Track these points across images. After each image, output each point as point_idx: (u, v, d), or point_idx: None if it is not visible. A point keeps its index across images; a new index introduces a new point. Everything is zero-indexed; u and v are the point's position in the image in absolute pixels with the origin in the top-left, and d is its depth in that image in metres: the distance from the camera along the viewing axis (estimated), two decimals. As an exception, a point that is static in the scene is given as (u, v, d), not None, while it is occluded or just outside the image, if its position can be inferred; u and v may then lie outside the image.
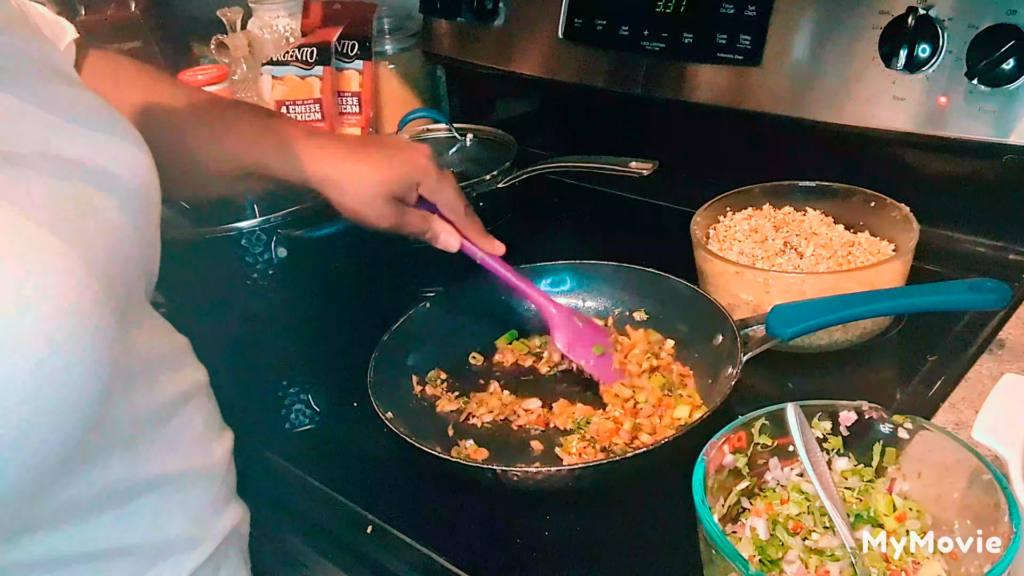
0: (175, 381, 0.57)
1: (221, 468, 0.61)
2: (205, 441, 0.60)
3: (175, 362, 0.59)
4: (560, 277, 0.88)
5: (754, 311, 0.76)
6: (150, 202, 0.55)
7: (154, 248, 0.57)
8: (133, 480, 0.51)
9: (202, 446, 0.59)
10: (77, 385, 0.41)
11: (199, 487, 0.58)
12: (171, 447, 0.55)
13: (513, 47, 1.18)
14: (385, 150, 0.75)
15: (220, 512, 0.60)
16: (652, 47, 1.04)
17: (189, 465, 0.57)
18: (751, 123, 0.99)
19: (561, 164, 1.06)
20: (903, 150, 0.91)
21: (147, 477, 0.52)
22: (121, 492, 0.51)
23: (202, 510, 0.58)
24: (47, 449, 0.41)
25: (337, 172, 0.72)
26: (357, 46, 1.26)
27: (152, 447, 0.53)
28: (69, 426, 0.42)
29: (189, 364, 0.62)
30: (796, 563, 0.49)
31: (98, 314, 0.42)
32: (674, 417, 0.71)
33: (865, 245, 0.82)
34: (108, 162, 0.51)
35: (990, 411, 0.54)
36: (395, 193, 0.73)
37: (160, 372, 0.55)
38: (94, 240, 0.45)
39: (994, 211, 0.89)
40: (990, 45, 0.79)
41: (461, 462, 0.66)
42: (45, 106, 0.49)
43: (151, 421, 0.53)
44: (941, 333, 0.77)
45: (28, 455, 0.40)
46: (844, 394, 0.57)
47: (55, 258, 0.41)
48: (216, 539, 0.59)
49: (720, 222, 0.89)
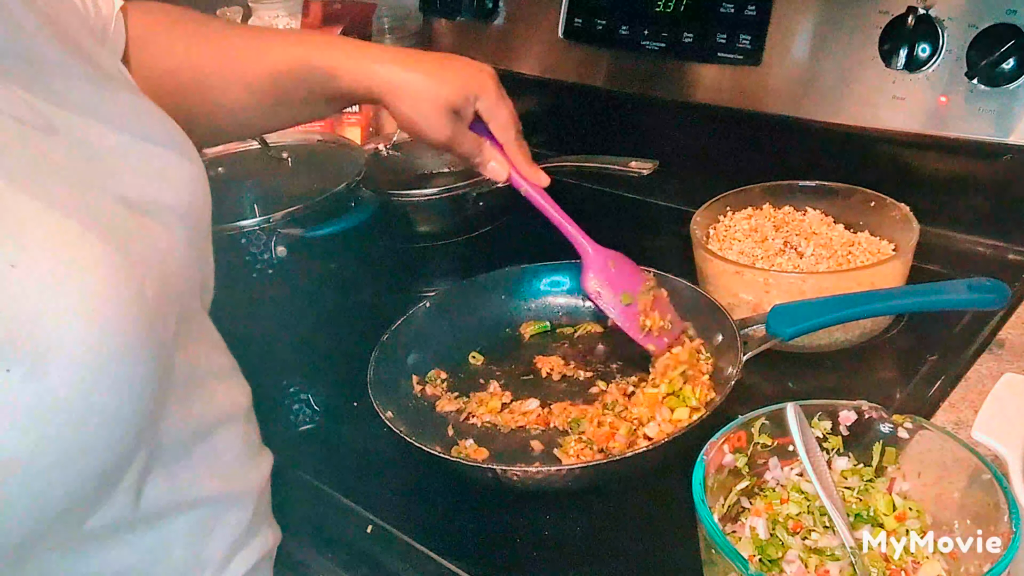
0: (217, 399, 0.56)
1: (258, 491, 0.60)
2: (244, 463, 0.59)
3: (219, 380, 0.57)
4: (560, 277, 0.88)
5: (754, 311, 0.76)
6: (202, 217, 0.55)
7: (206, 261, 0.56)
8: (171, 501, 0.50)
9: (241, 468, 0.58)
10: (124, 403, 0.40)
11: (235, 509, 0.56)
12: (210, 468, 0.54)
13: (513, 46, 1.18)
14: (448, 63, 0.73)
15: (254, 535, 0.59)
16: (652, 47, 1.04)
17: (227, 487, 0.56)
18: (751, 123, 0.99)
19: (561, 164, 1.07)
20: (903, 150, 0.91)
21: (185, 498, 0.51)
22: (158, 513, 0.49)
23: (237, 533, 0.56)
24: (91, 470, 0.40)
25: (398, 78, 0.70)
26: (357, 46, 1.27)
27: (191, 467, 0.52)
28: (114, 445, 0.40)
29: (233, 383, 0.60)
30: (796, 563, 0.49)
31: (148, 329, 0.41)
32: (674, 419, 0.71)
33: (865, 245, 0.82)
34: (162, 179, 0.50)
35: (990, 411, 0.54)
36: (453, 106, 0.71)
37: (203, 388, 0.54)
38: (145, 253, 0.44)
39: (994, 211, 0.89)
40: (990, 45, 0.79)
41: (461, 462, 0.66)
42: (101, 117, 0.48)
43: (192, 439, 0.52)
44: (941, 333, 0.77)
45: (72, 476, 0.39)
46: (844, 394, 0.57)
47: (108, 271, 0.39)
48: (248, 563, 0.58)
49: (720, 222, 0.89)
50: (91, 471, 0.40)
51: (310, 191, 0.91)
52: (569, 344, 0.84)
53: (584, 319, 0.86)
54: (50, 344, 0.36)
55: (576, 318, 0.86)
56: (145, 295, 0.41)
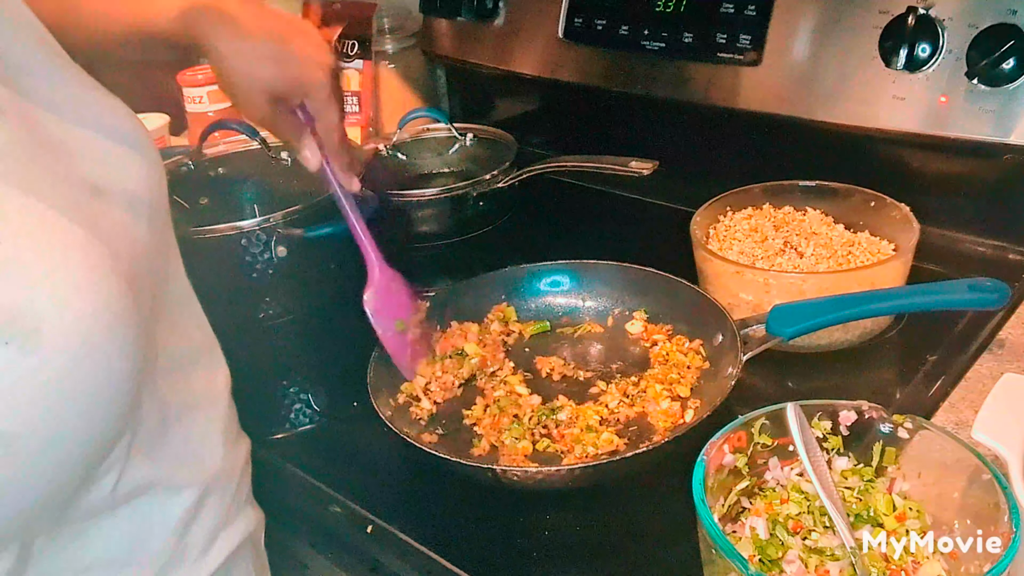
0: (193, 383, 0.56)
1: (238, 474, 0.61)
2: (223, 446, 0.59)
3: (195, 364, 0.58)
4: (560, 277, 0.88)
5: (754, 311, 0.76)
6: (160, 204, 0.54)
7: (171, 247, 0.56)
8: (152, 484, 0.50)
9: (220, 451, 0.58)
10: (111, 378, 0.40)
11: (216, 493, 0.57)
12: (189, 451, 0.54)
13: (513, 46, 1.18)
14: (290, 44, 0.68)
15: (235, 518, 0.59)
16: (652, 47, 1.04)
17: (207, 471, 0.56)
18: (751, 123, 0.99)
19: (561, 164, 1.06)
20: (903, 150, 0.91)
21: (166, 481, 0.52)
22: (140, 497, 0.50)
23: (218, 516, 0.57)
24: (79, 449, 0.40)
25: (225, 46, 0.66)
26: (357, 45, 1.27)
27: (171, 450, 0.52)
28: (101, 423, 0.41)
29: (211, 368, 0.60)
30: (796, 563, 0.49)
31: (127, 308, 0.41)
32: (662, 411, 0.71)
33: (865, 245, 0.82)
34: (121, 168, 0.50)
35: (990, 411, 0.54)
36: (276, 95, 0.68)
37: (180, 372, 0.54)
38: (117, 236, 0.44)
39: (994, 211, 0.89)
40: (990, 45, 0.79)
41: (461, 462, 0.66)
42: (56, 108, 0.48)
43: (170, 422, 0.52)
44: (941, 333, 0.77)
45: (62, 455, 0.40)
46: (844, 394, 0.57)
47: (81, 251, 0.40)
48: (231, 544, 0.58)
49: (720, 221, 0.89)
50: (79, 451, 0.41)
51: (310, 191, 0.91)
52: (569, 344, 0.84)
53: (584, 319, 0.86)
54: (42, 319, 0.37)
55: (576, 318, 0.86)
56: (124, 274, 0.42)
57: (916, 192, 0.83)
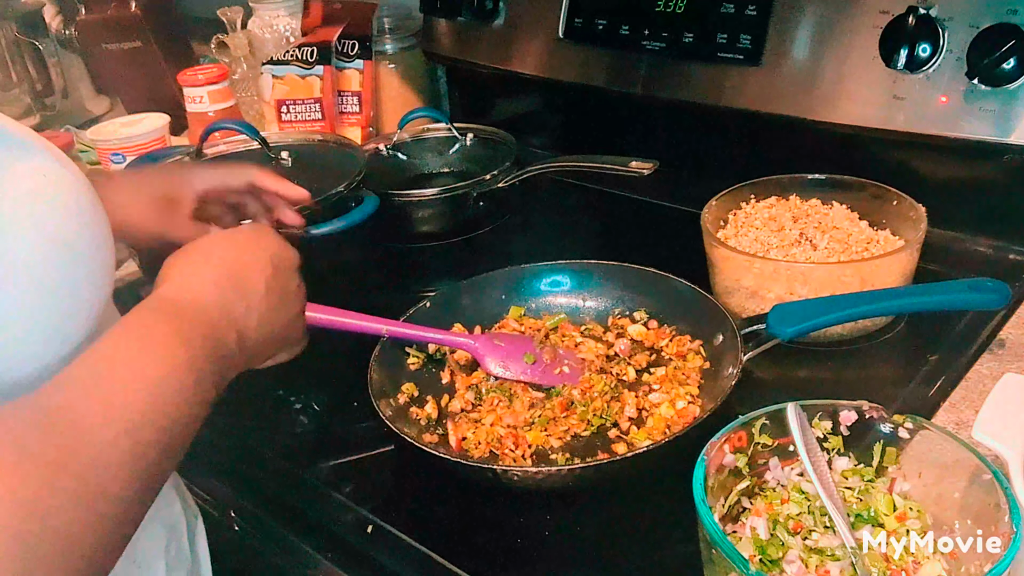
0: None
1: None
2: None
3: None
4: (560, 277, 0.88)
5: (752, 296, 0.77)
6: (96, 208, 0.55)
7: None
8: None
9: None
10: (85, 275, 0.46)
11: None
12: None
13: (513, 47, 1.18)
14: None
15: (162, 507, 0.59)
16: (652, 47, 1.04)
17: None
18: (751, 123, 0.99)
19: (561, 164, 1.06)
20: (903, 150, 0.91)
21: None
22: None
23: None
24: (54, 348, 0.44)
25: None
26: (357, 45, 1.27)
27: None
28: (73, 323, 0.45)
29: None
30: (796, 563, 0.49)
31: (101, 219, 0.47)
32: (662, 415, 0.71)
33: (883, 243, 0.82)
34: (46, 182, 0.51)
35: (990, 411, 0.54)
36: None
37: None
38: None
39: (994, 211, 0.89)
40: (990, 45, 0.79)
41: (461, 462, 0.66)
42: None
43: None
44: (941, 333, 0.77)
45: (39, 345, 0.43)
46: (844, 394, 0.57)
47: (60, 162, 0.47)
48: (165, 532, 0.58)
49: (742, 208, 0.89)
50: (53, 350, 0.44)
51: (310, 191, 0.91)
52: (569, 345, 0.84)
53: (585, 319, 0.86)
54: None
55: (576, 318, 0.86)
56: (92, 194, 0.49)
57: (916, 192, 0.83)
